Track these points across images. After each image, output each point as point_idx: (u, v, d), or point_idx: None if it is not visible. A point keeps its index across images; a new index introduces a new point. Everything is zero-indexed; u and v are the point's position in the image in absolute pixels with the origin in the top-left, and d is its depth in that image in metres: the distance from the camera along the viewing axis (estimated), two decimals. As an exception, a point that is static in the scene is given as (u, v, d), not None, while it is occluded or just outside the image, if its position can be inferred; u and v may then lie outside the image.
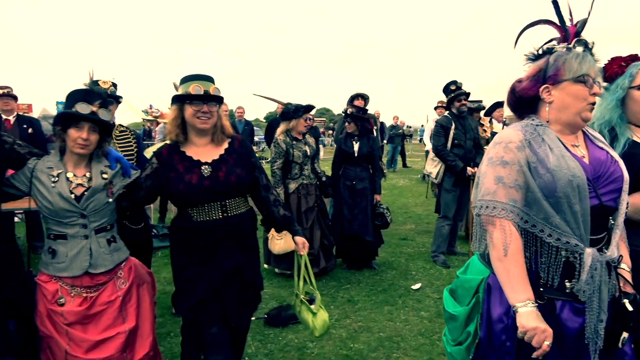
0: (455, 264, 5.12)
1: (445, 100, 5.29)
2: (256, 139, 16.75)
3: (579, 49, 1.52)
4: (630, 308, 1.51)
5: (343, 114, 5.21)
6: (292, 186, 4.59)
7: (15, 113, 5.57)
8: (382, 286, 4.46)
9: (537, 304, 1.44)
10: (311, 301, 2.56)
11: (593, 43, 1.53)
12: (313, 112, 4.95)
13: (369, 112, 5.34)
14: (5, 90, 5.51)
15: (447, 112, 5.18)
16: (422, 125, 23.00)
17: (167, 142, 2.33)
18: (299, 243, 2.48)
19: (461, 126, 5.05)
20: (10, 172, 2.20)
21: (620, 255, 1.54)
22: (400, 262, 5.25)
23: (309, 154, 4.64)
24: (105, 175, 2.21)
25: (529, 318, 1.40)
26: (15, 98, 5.59)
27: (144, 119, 14.02)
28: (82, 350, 2.10)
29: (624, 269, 1.56)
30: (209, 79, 2.25)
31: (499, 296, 1.54)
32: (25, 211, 4.49)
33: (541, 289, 1.50)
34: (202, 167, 2.20)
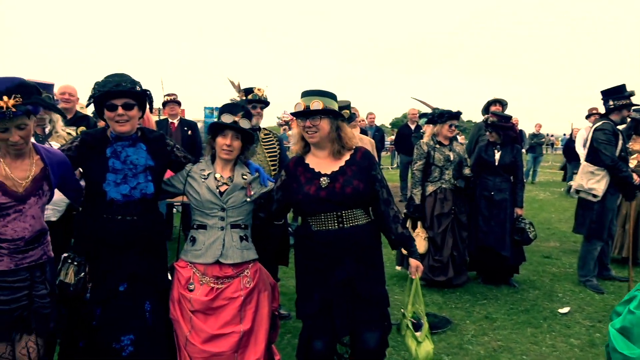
0: (610, 290, 4.57)
1: (601, 107, 4.72)
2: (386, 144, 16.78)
3: None
4: None
5: (483, 122, 4.99)
6: (430, 189, 4.55)
7: (179, 117, 6.35)
8: (523, 306, 4.15)
9: None
10: (417, 327, 2.46)
11: None
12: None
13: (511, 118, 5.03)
14: (172, 97, 6.32)
15: (604, 120, 4.58)
16: (565, 134, 20.86)
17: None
18: (412, 265, 2.42)
19: (623, 137, 4.48)
20: (169, 174, 2.54)
21: None
22: (544, 282, 4.84)
23: (452, 159, 4.54)
24: (245, 177, 2.45)
25: None
26: (179, 103, 6.38)
27: (278, 124, 14.95)
28: (200, 340, 2.27)
29: None
30: (316, 94, 2.30)
31: None
32: (182, 204, 5.14)
33: None
34: (321, 179, 2.29)
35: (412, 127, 9.33)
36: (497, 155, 4.68)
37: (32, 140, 2.14)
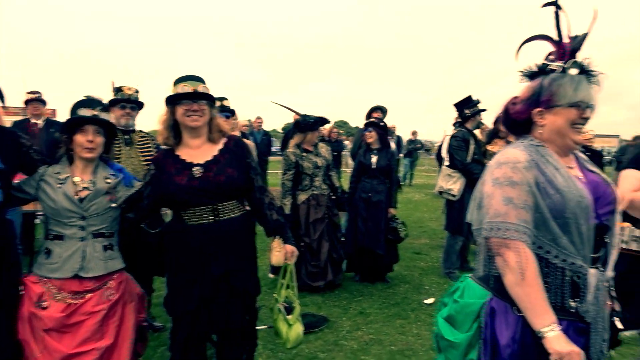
0: (469, 280, 5.08)
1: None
2: (273, 149, 16.88)
3: (574, 71, 1.50)
4: (620, 326, 1.55)
5: (364, 127, 5.26)
6: (302, 197, 4.62)
7: (45, 117, 5.75)
8: (394, 299, 4.45)
9: (560, 327, 1.41)
10: (289, 310, 2.52)
11: (589, 62, 1.51)
12: (330, 125, 5.00)
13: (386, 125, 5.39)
14: (35, 96, 5.70)
15: (459, 127, 5.15)
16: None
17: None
18: (289, 251, 2.44)
19: (477, 142, 5.05)
20: (19, 177, 2.28)
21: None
22: (413, 276, 5.24)
23: (319, 164, 4.64)
24: (108, 181, 2.28)
25: (560, 342, 1.38)
26: (44, 103, 5.78)
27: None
28: None
29: (612, 288, 1.57)
30: (198, 79, 2.28)
31: (505, 320, 1.50)
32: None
33: None
34: (193, 169, 2.20)
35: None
36: (374, 159, 4.97)
37: None
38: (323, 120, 4.79)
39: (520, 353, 1.46)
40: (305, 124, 4.68)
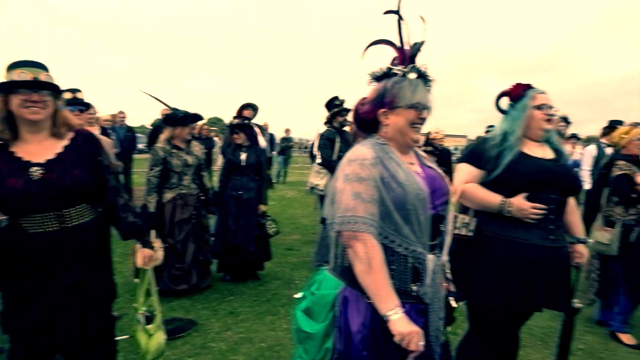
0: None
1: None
2: (140, 146, 15.77)
3: (413, 75, 1.65)
4: (454, 304, 1.76)
5: (228, 126, 5.19)
6: (168, 196, 4.41)
7: None
8: (265, 296, 4.46)
9: (403, 310, 1.54)
10: (149, 319, 2.37)
11: (426, 68, 1.68)
12: (203, 121, 4.84)
13: (252, 122, 5.41)
14: None
15: (329, 125, 5.40)
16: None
17: None
18: (146, 255, 2.27)
19: (344, 140, 5.30)
20: None
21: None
22: (285, 272, 5.31)
23: (190, 163, 4.47)
24: None
25: (402, 324, 1.50)
26: None
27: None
28: None
29: (447, 271, 1.78)
30: (39, 66, 1.99)
31: (356, 308, 1.59)
32: None
33: None
34: (32, 169, 1.93)
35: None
36: (244, 156, 4.92)
37: None
38: (195, 117, 4.60)
39: (370, 337, 1.56)
40: (175, 118, 4.46)
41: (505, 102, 2.43)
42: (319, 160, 5.32)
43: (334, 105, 5.28)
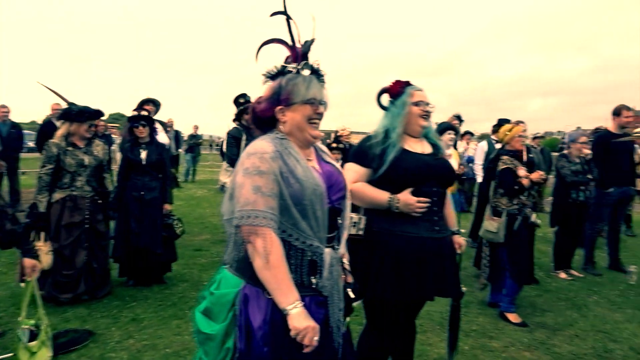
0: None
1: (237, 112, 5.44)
2: (31, 144, 14.32)
3: (306, 72, 1.68)
4: (352, 295, 1.81)
5: (127, 120, 4.89)
6: (57, 196, 4.07)
7: None
8: (171, 300, 4.28)
9: (302, 304, 1.54)
10: (34, 335, 2.20)
11: (319, 64, 1.72)
12: (105, 117, 4.51)
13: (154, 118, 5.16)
14: None
15: (237, 123, 5.33)
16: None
17: None
18: (27, 266, 2.12)
19: (251, 137, 5.25)
20: None
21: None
22: (193, 273, 5.14)
23: (86, 163, 4.15)
24: None
25: (299, 319, 1.51)
26: None
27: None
28: None
29: (345, 263, 1.83)
30: None
31: (257, 305, 1.58)
32: None
33: None
34: None
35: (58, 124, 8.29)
36: (144, 154, 4.66)
37: None
38: (96, 113, 4.27)
39: (271, 333, 1.55)
40: (69, 113, 4.12)
41: (386, 99, 2.50)
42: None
43: (240, 103, 5.21)
